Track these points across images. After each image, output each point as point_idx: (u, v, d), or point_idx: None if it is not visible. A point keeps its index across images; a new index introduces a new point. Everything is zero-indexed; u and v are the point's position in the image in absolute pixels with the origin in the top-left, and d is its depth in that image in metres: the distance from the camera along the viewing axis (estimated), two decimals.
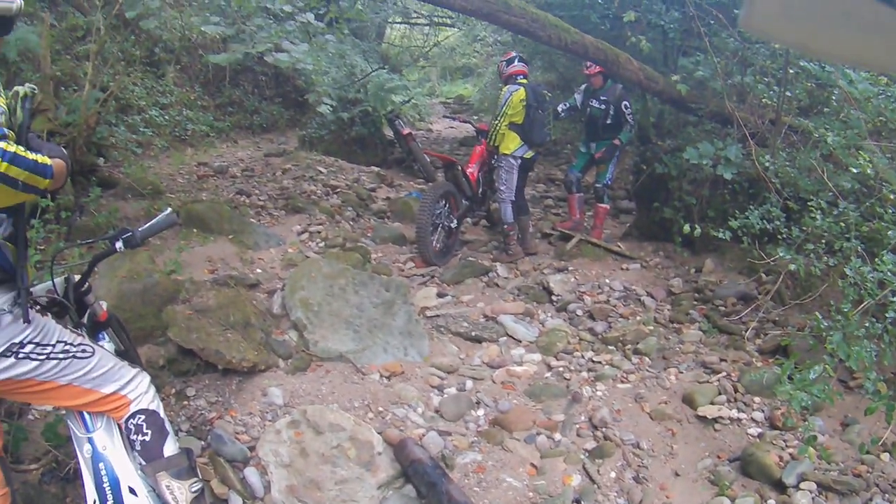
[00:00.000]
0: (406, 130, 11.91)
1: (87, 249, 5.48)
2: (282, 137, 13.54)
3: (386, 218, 9.20)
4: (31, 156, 2.28)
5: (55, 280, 2.99)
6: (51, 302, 2.85)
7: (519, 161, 7.99)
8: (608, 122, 8.39)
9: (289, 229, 8.01)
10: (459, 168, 8.14)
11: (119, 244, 2.95)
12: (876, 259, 4.68)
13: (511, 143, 7.92)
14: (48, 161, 2.36)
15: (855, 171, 5.57)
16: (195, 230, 7.06)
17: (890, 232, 4.95)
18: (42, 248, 5.43)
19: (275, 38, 7.17)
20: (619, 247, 8.39)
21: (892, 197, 5.34)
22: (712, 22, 7.47)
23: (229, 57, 7.27)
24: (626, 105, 8.26)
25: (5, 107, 2.39)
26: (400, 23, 17.98)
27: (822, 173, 5.83)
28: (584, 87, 8.78)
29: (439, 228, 7.84)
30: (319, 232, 7.97)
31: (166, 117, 10.86)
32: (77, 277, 3.16)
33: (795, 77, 6.97)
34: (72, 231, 6.05)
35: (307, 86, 13.14)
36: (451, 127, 16.50)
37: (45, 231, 5.63)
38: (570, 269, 7.76)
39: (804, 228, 5.56)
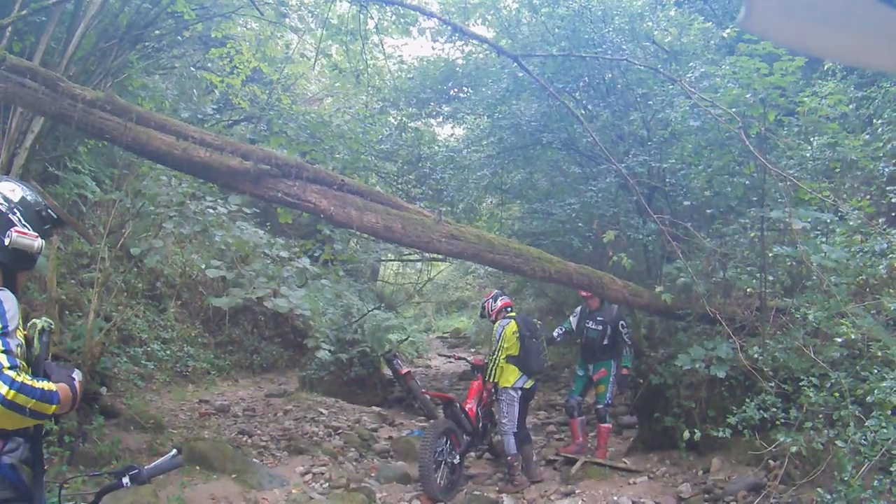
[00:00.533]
0: (404, 370, 11.99)
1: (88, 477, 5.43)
2: (282, 377, 13.62)
3: (389, 457, 9.13)
4: (38, 384, 2.38)
5: None
6: None
7: (519, 392, 8.09)
8: (605, 343, 8.57)
9: (292, 470, 7.92)
10: (458, 405, 8.21)
11: (126, 480, 2.98)
12: (866, 424, 4.71)
13: (510, 376, 8.07)
14: (54, 388, 2.45)
15: (840, 340, 5.66)
16: (198, 468, 7.01)
17: (883, 383, 4.99)
18: (45, 469, 5.37)
19: (273, 284, 7.46)
20: (624, 463, 8.26)
21: (879, 354, 5.40)
22: (687, 226, 7.81)
23: (230, 301, 7.53)
24: (622, 325, 8.48)
25: (23, 339, 2.54)
26: (393, 261, 18.60)
27: (809, 351, 5.93)
28: (579, 308, 9.01)
29: (443, 465, 7.77)
30: (323, 473, 7.88)
31: (168, 352, 11.00)
32: None
33: (774, 261, 7.19)
34: (74, 456, 6.02)
35: (306, 327, 13.40)
36: (450, 361, 16.53)
37: (48, 453, 5.60)
38: (577, 491, 7.59)
39: (801, 407, 5.60)
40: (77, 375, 2.69)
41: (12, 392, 2.29)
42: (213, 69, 11.00)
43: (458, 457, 7.96)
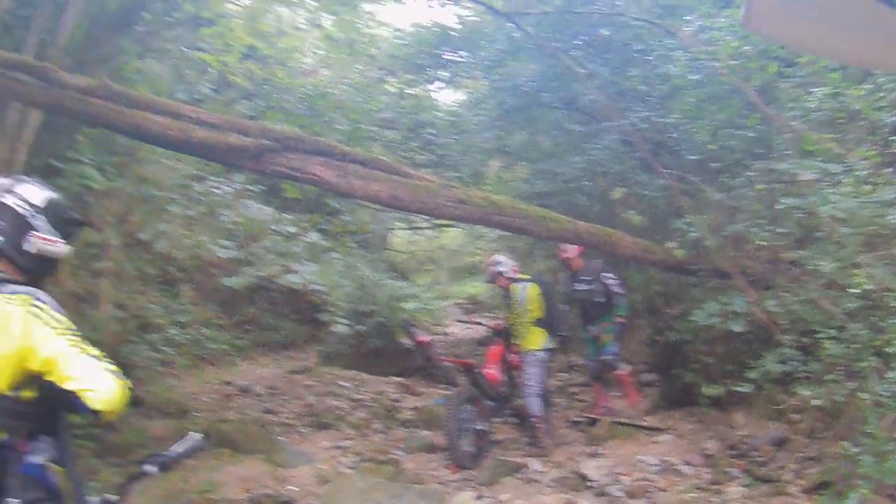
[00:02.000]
0: (422, 338, 11.99)
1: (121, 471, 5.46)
2: (302, 353, 13.66)
3: (415, 427, 9.14)
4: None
5: (90, 500, 2.99)
6: None
7: (548, 354, 8.11)
8: (597, 300, 8.50)
9: (318, 445, 7.99)
10: (478, 371, 8.18)
11: (151, 468, 2.98)
12: (886, 375, 4.71)
13: (537, 339, 8.05)
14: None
15: (856, 291, 5.60)
16: (225, 450, 7.05)
17: None
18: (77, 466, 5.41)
19: (284, 260, 7.44)
20: (646, 421, 8.29)
21: (894, 304, 5.32)
22: (693, 180, 7.77)
23: (243, 280, 7.51)
24: (605, 276, 8.39)
25: None
26: (403, 229, 18.57)
27: (826, 302, 5.86)
28: (563, 275, 8.94)
29: (468, 432, 7.76)
30: (349, 446, 7.96)
31: (186, 336, 11.00)
32: (114, 498, 3.14)
33: (784, 212, 7.11)
34: (102, 448, 6.06)
35: (321, 302, 13.41)
36: (468, 328, 16.62)
37: (75, 447, 5.62)
38: (603, 452, 7.63)
39: (821, 359, 5.57)
40: None
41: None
42: (206, 49, 10.87)
43: (483, 423, 7.96)
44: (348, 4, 10.45)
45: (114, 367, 2.48)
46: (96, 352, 2.50)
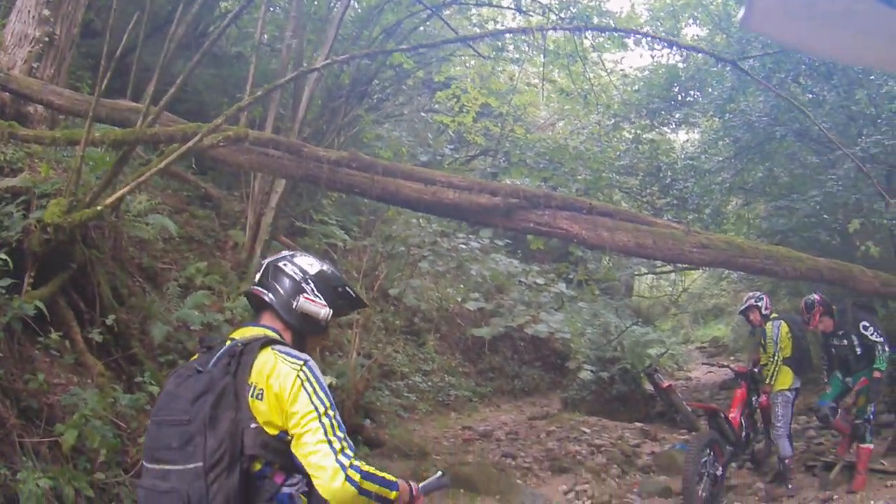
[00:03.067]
0: (666, 383, 11.68)
1: None
2: (544, 400, 13.79)
3: (651, 472, 8.98)
4: (379, 473, 2.61)
5: None
6: None
7: (794, 394, 7.88)
8: (859, 352, 7.82)
9: (555, 489, 8.02)
10: (722, 415, 7.94)
11: None
12: None
13: (786, 378, 7.82)
14: (392, 478, 2.67)
15: None
16: (462, 490, 7.30)
17: None
18: None
19: (531, 310, 7.67)
20: (882, 464, 7.72)
21: None
22: None
23: (491, 330, 7.82)
24: (864, 326, 7.67)
25: None
26: (646, 274, 18.30)
27: None
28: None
29: (705, 477, 7.54)
30: (585, 490, 7.92)
31: (429, 383, 11.51)
32: None
33: None
34: None
35: (566, 349, 13.50)
36: (710, 372, 16.11)
37: None
38: (835, 497, 7.19)
39: None
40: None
41: (358, 476, 2.51)
42: (441, 110, 11.51)
43: (720, 468, 7.70)
44: (575, 56, 10.67)
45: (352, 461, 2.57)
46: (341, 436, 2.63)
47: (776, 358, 7.75)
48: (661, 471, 8.90)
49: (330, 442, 2.57)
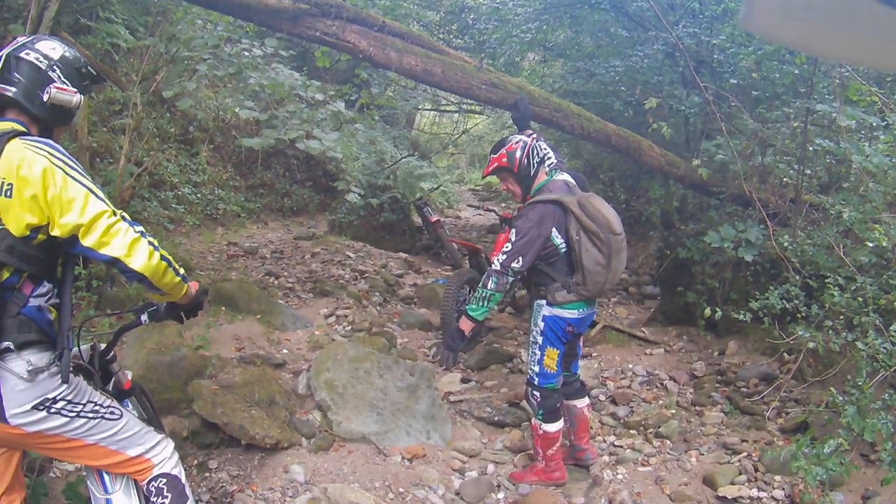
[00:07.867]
0: (434, 218, 11.99)
1: (116, 319, 5.59)
2: (311, 221, 13.74)
3: (413, 304, 9.21)
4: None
5: (81, 347, 3.10)
6: (76, 367, 2.92)
7: None
8: None
9: (316, 312, 8.03)
10: (484, 255, 8.17)
11: (144, 317, 3.10)
12: (891, 328, 4.69)
13: None
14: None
15: (871, 245, 5.56)
16: (223, 308, 7.15)
17: None
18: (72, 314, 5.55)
19: (306, 125, 7.37)
20: (642, 332, 8.30)
21: None
22: (732, 105, 7.61)
23: (262, 142, 7.48)
24: None
25: None
26: (430, 110, 18.37)
27: (839, 250, 5.84)
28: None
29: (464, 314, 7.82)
30: (346, 316, 8.00)
31: (198, 195, 11.06)
32: (103, 346, 3.25)
33: (815, 155, 7.03)
34: (102, 300, 6.17)
35: (337, 171, 13.38)
36: (479, 214, 16.65)
37: (75, 298, 5.74)
38: (594, 355, 7.69)
39: (823, 305, 5.56)
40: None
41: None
42: None
43: None
44: None
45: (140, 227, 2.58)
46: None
47: None
48: (422, 303, 9.16)
49: (124, 217, 2.53)
